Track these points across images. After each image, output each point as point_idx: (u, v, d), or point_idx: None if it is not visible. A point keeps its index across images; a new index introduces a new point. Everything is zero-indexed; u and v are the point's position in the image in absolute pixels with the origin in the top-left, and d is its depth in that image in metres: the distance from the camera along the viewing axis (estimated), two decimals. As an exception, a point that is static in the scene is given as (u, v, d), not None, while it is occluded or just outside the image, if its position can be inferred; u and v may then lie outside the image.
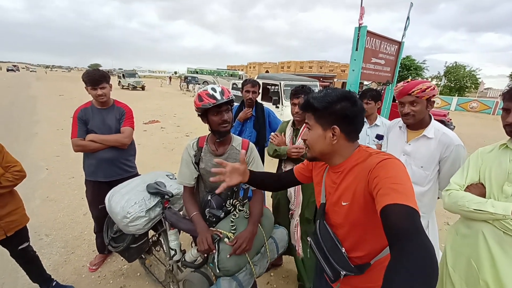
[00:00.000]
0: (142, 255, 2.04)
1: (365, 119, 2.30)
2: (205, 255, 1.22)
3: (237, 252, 1.15)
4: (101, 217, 1.97)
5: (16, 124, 7.38)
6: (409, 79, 1.49)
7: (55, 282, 1.96)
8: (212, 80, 33.75)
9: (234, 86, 7.25)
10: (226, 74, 33.78)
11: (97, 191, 2.03)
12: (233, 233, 1.22)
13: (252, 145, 1.45)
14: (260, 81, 6.13)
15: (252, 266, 1.21)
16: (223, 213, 1.31)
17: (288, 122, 1.99)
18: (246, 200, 1.37)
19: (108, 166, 2.05)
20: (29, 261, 1.82)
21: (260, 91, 5.86)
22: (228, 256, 1.14)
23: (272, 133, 1.95)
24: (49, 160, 4.69)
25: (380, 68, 4.51)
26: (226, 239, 1.19)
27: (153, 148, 5.68)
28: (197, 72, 35.22)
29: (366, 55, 3.99)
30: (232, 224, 1.25)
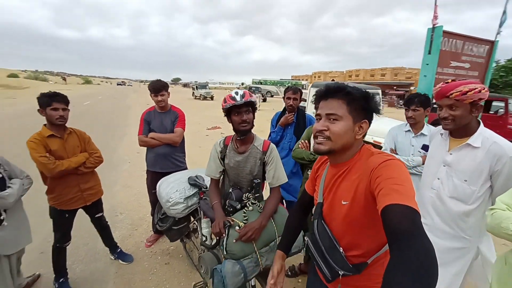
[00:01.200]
0: (183, 239, 2.35)
1: (409, 128, 2.08)
2: (217, 238, 1.37)
3: (243, 239, 1.27)
4: (155, 201, 2.37)
5: (113, 126, 9.30)
6: (449, 80, 1.32)
7: (119, 249, 2.46)
8: (275, 90, 35.05)
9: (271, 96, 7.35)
10: (289, 84, 34.37)
11: (154, 180, 2.46)
12: (244, 223, 1.35)
13: (272, 146, 1.56)
14: (313, 89, 6.09)
15: (258, 256, 1.31)
16: (239, 205, 1.46)
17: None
18: (258, 194, 1.48)
19: (163, 159, 2.48)
20: (102, 228, 2.34)
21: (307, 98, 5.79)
22: (234, 241, 1.27)
23: (300, 141, 1.98)
24: (132, 156, 5.76)
25: (463, 73, 3.91)
26: (237, 227, 1.33)
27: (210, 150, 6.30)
28: (261, 83, 37.02)
29: (442, 59, 3.56)
30: (244, 215, 1.38)
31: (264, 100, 24.86)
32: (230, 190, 1.54)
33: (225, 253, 1.28)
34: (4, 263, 1.69)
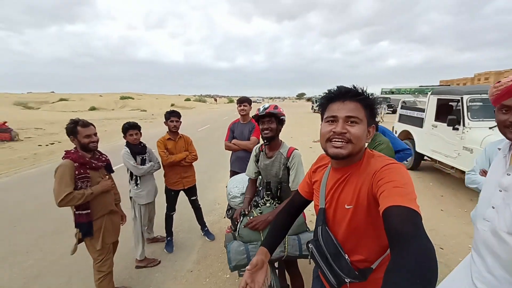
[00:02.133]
0: (233, 224, 2.78)
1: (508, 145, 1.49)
2: (236, 222, 1.68)
3: (249, 227, 1.52)
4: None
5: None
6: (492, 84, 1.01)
7: (206, 228, 3.22)
8: (412, 99, 29.28)
9: (403, 105, 6.32)
10: (430, 91, 28.11)
11: (234, 178, 3.07)
12: (258, 215, 1.59)
13: (295, 152, 1.70)
14: (435, 97, 4.99)
15: (264, 245, 1.50)
16: (261, 201, 1.71)
17: None
18: (270, 192, 1.68)
19: (240, 161, 3.03)
20: (196, 209, 3.17)
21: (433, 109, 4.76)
22: (243, 226, 1.54)
23: None
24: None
25: None
26: (251, 217, 1.59)
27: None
28: (392, 92, 32.29)
29: None
30: (259, 209, 1.62)
31: (394, 112, 21.65)
32: (260, 188, 1.81)
33: (237, 235, 1.58)
34: (144, 209, 2.72)
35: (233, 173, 3.12)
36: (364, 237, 0.87)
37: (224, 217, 3.34)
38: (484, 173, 1.60)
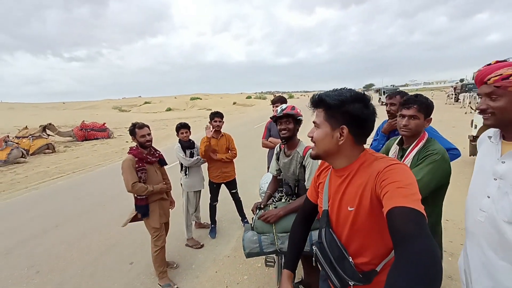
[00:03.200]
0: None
1: None
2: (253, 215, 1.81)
3: (262, 219, 1.62)
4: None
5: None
6: (492, 61, 0.96)
7: (246, 219, 3.46)
8: None
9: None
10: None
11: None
12: (272, 209, 1.68)
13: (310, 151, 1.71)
14: None
15: (275, 236, 1.59)
16: (278, 196, 1.79)
17: (396, 139, 1.70)
18: (283, 189, 1.72)
19: None
20: (236, 201, 3.43)
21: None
22: (257, 218, 1.66)
23: None
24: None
25: None
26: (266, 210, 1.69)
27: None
28: (490, 76, 26.38)
29: None
30: (274, 204, 1.71)
31: None
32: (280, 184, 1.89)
33: (253, 225, 1.70)
34: (191, 196, 3.14)
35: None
36: (367, 239, 0.86)
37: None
38: None
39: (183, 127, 3.06)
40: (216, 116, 3.14)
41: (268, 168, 3.22)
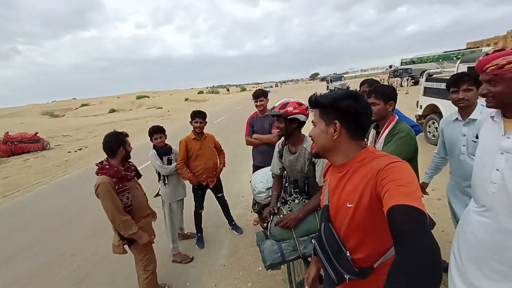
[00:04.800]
0: (264, 222, 2.78)
1: (457, 115, 1.68)
2: (266, 221, 1.67)
3: (280, 225, 1.50)
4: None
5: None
6: (490, 51, 1.10)
7: (234, 222, 3.28)
8: (435, 68, 26.72)
9: (428, 77, 5.87)
10: (460, 56, 25.89)
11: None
12: (288, 212, 1.57)
13: None
14: (464, 66, 4.60)
15: (296, 242, 1.49)
16: (289, 197, 1.68)
17: (373, 124, 1.84)
18: (297, 189, 1.64)
19: (263, 155, 2.99)
20: (222, 205, 3.22)
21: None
22: (273, 225, 1.53)
23: None
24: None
25: None
26: (281, 215, 1.57)
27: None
28: (413, 62, 30.08)
29: None
30: (289, 206, 1.60)
31: (416, 83, 20.11)
32: (286, 185, 1.78)
33: (268, 234, 1.57)
34: (174, 207, 2.82)
35: (256, 167, 3.10)
36: (366, 236, 0.88)
37: (251, 211, 3.38)
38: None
39: (157, 132, 2.70)
40: (198, 117, 2.84)
41: (254, 166, 3.09)
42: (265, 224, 1.97)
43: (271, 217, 1.62)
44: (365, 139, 1.82)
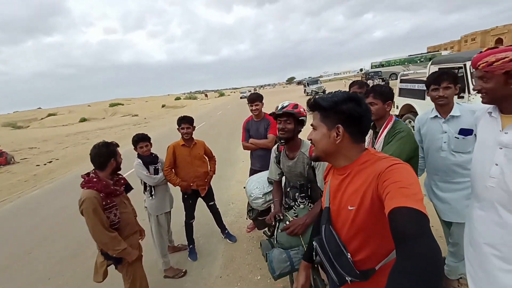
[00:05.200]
0: (268, 230, 2.72)
1: (436, 113, 1.72)
2: (272, 229, 1.61)
3: (287, 232, 1.45)
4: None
5: (235, 129, 11.13)
6: (484, 49, 1.16)
7: (227, 231, 3.17)
8: (402, 70, 28.68)
9: (403, 78, 6.20)
10: (423, 59, 27.94)
11: (253, 177, 2.99)
12: (294, 218, 1.52)
13: None
14: (436, 67, 4.91)
15: (304, 248, 1.44)
16: (293, 203, 1.64)
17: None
18: (303, 194, 1.61)
19: (260, 160, 2.93)
20: (214, 213, 3.10)
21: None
22: (280, 231, 1.48)
23: None
24: (246, 156, 6.81)
25: None
26: (287, 222, 1.52)
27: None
28: (382, 65, 31.92)
29: None
30: (294, 212, 1.56)
31: (386, 85, 21.37)
32: (288, 190, 1.74)
33: (275, 242, 1.51)
34: (162, 219, 2.66)
35: (253, 171, 3.03)
36: (367, 238, 0.87)
37: (246, 218, 3.30)
38: None
39: (142, 140, 2.54)
40: (183, 122, 2.72)
41: (252, 170, 3.03)
42: (268, 232, 1.91)
43: (277, 224, 1.56)
44: None
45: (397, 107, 6.26)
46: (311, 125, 0.98)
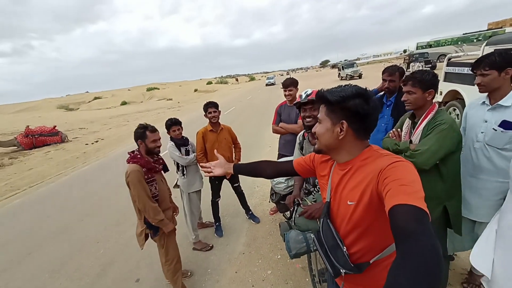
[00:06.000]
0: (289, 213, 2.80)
1: (486, 100, 1.55)
2: (290, 210, 1.68)
3: (305, 216, 1.50)
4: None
5: (264, 114, 11.14)
6: None
7: (251, 212, 3.33)
8: (454, 51, 25.07)
9: (450, 61, 5.58)
10: (481, 38, 24.35)
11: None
12: (312, 203, 1.56)
13: None
14: (491, 48, 4.33)
15: (321, 233, 1.49)
16: (313, 188, 1.67)
17: (409, 114, 1.70)
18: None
19: (289, 145, 2.96)
20: (239, 195, 3.26)
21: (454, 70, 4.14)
22: (298, 216, 1.53)
23: (392, 130, 1.76)
24: (273, 141, 6.88)
25: None
26: (305, 205, 1.57)
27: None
28: (430, 46, 28.61)
29: None
30: (313, 197, 1.60)
31: (433, 68, 19.09)
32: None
33: (293, 224, 1.58)
34: (193, 196, 2.88)
35: (281, 156, 3.09)
36: (364, 233, 0.88)
37: (269, 201, 3.40)
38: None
39: (174, 124, 2.73)
40: (210, 107, 2.85)
41: (279, 155, 3.09)
42: (288, 214, 1.98)
43: (296, 207, 1.62)
44: (399, 130, 1.72)
45: (441, 93, 5.71)
46: (317, 118, 0.97)
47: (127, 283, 2.56)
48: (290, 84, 2.87)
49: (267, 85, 35.15)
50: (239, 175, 3.14)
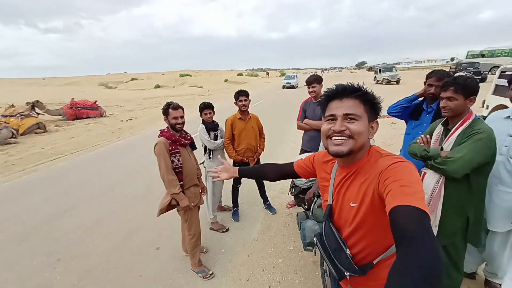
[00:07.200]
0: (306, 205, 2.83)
1: (511, 114, 1.56)
2: (309, 203, 1.72)
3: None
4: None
5: (291, 109, 11.05)
6: None
7: (268, 202, 3.42)
8: (510, 63, 22.42)
9: (503, 73, 5.11)
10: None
11: (304, 157, 3.11)
12: None
13: None
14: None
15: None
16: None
17: (441, 120, 1.65)
18: None
19: (312, 141, 2.99)
20: (259, 185, 3.37)
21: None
22: (316, 207, 1.57)
23: (420, 136, 1.71)
24: (297, 138, 6.85)
25: None
26: (324, 199, 1.61)
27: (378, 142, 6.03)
28: (483, 55, 26.09)
29: None
30: (333, 190, 1.62)
31: (482, 80, 17.13)
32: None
33: (311, 214, 1.63)
34: (218, 184, 3.04)
35: (303, 151, 3.13)
36: (367, 235, 0.88)
37: (288, 194, 3.46)
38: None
39: (207, 107, 2.86)
40: (241, 95, 2.95)
41: (302, 150, 3.13)
42: (306, 206, 2.03)
43: (315, 199, 1.67)
44: (428, 136, 1.67)
45: (487, 107, 5.28)
46: (347, 113, 0.84)
47: (148, 249, 2.79)
48: (314, 80, 2.87)
49: (284, 87, 24.87)
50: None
